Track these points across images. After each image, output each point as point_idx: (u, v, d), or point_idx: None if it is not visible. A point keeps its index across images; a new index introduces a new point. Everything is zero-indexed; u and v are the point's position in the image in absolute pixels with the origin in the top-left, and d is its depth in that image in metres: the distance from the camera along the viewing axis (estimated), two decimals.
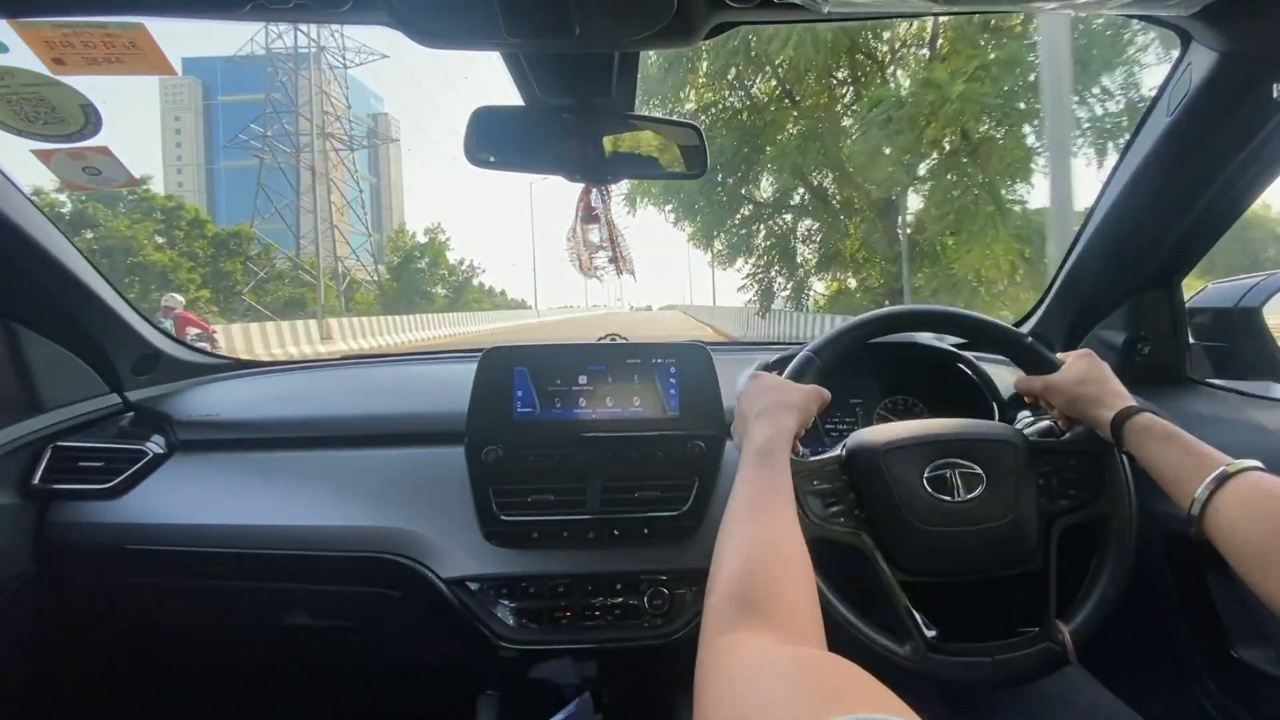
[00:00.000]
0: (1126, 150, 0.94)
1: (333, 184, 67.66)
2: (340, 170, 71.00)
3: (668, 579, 0.99)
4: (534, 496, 0.98)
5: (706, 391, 1.02)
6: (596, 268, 0.90)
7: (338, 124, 61.35)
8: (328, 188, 52.79)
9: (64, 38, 0.69)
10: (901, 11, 0.68)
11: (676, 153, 0.86)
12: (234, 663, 1.21)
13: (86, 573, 1.05)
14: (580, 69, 0.77)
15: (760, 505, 0.57)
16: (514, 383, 1.00)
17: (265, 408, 1.16)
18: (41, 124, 0.81)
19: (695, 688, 0.38)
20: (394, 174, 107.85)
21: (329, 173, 73.48)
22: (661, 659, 0.97)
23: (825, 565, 0.69)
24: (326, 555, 1.00)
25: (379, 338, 21.05)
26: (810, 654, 0.38)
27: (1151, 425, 0.68)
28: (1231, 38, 0.73)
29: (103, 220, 25.63)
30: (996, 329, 0.86)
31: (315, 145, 43.75)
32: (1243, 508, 0.58)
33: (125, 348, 1.13)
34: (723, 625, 0.44)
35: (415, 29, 0.66)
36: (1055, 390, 0.79)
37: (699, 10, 0.65)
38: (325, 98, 48.52)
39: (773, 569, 0.49)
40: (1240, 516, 0.57)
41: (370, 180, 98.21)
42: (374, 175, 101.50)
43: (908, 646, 0.70)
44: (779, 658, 0.39)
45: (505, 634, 0.97)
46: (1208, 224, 0.94)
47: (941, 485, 0.74)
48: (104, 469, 1.02)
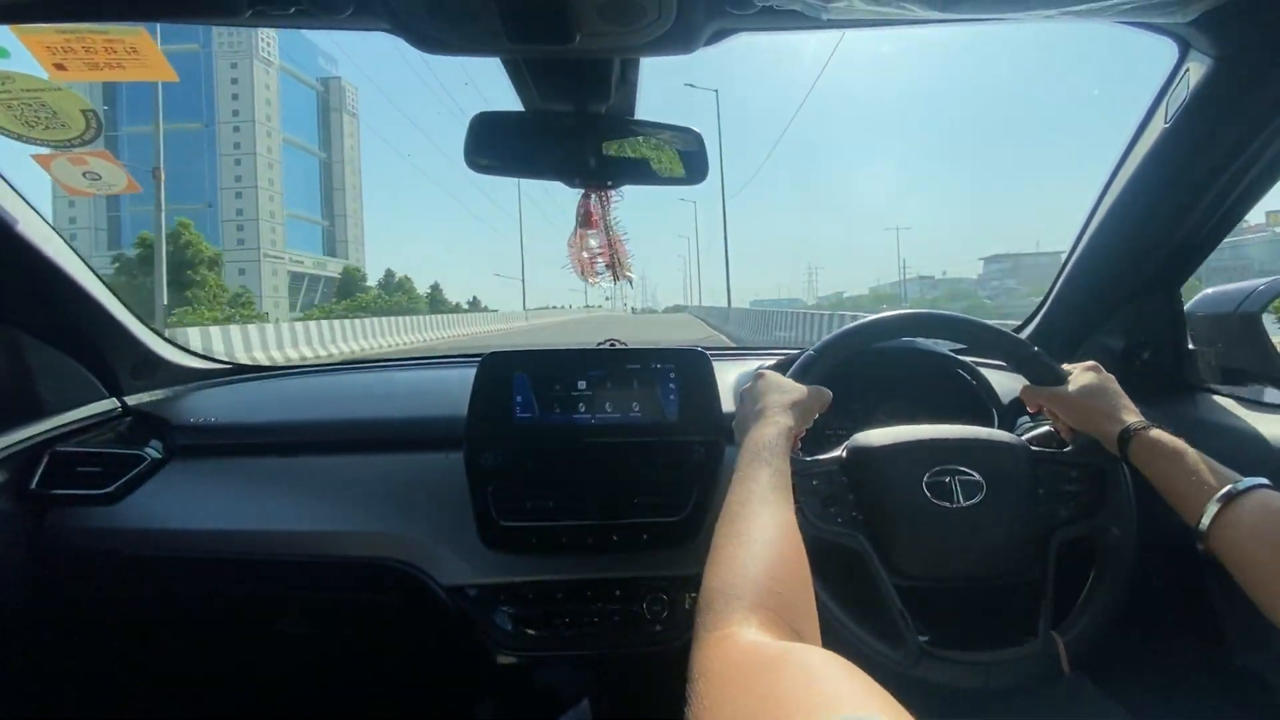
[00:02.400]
0: (1124, 157, 0.94)
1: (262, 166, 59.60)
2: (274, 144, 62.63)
3: (667, 585, 0.99)
4: (533, 502, 0.98)
5: (706, 397, 1.02)
6: (596, 273, 0.90)
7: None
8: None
9: (65, 43, 0.70)
10: (901, 19, 0.69)
11: (677, 159, 0.86)
12: (231, 668, 1.20)
13: (83, 577, 1.05)
14: (580, 75, 0.77)
15: (759, 501, 0.57)
16: (513, 388, 1.00)
17: (263, 413, 1.16)
18: (43, 129, 0.81)
19: (689, 682, 0.38)
20: (350, 149, 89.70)
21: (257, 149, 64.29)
22: (660, 666, 0.97)
23: (821, 566, 0.69)
24: (324, 560, 1.00)
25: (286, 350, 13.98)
26: (805, 651, 0.38)
27: (1160, 441, 0.68)
28: (1229, 45, 0.73)
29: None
30: (1001, 337, 0.86)
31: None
32: (1251, 525, 0.58)
33: (123, 352, 1.13)
34: (718, 619, 0.44)
35: (417, 35, 0.66)
36: (1061, 402, 0.79)
37: (699, 17, 0.65)
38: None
39: (770, 564, 0.49)
40: (1248, 534, 0.58)
41: (319, 156, 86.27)
42: (323, 151, 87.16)
43: (900, 650, 0.70)
44: (773, 654, 0.38)
45: (503, 640, 0.96)
46: (1207, 229, 0.94)
47: (941, 491, 0.74)
48: (102, 474, 1.02)
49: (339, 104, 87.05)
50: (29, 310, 1.01)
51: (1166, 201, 0.92)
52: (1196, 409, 0.98)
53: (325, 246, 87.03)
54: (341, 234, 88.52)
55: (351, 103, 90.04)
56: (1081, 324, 1.14)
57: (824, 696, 0.31)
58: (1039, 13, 0.66)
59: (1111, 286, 1.07)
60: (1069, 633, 0.72)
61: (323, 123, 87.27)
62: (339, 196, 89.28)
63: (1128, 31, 0.75)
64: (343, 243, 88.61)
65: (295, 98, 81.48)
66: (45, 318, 1.03)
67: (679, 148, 0.86)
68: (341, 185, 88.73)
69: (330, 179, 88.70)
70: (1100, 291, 1.09)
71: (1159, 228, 0.95)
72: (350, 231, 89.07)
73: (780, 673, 0.35)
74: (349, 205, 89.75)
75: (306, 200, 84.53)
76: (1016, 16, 0.67)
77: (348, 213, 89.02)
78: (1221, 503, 0.60)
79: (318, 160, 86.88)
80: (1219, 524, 0.60)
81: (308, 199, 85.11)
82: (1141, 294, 1.04)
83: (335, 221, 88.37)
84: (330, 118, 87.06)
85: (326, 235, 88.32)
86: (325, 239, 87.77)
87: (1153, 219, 0.95)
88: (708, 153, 0.85)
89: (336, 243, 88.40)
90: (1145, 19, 0.71)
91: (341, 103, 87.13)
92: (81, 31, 0.69)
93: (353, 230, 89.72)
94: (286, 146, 77.80)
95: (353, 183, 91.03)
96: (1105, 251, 1.03)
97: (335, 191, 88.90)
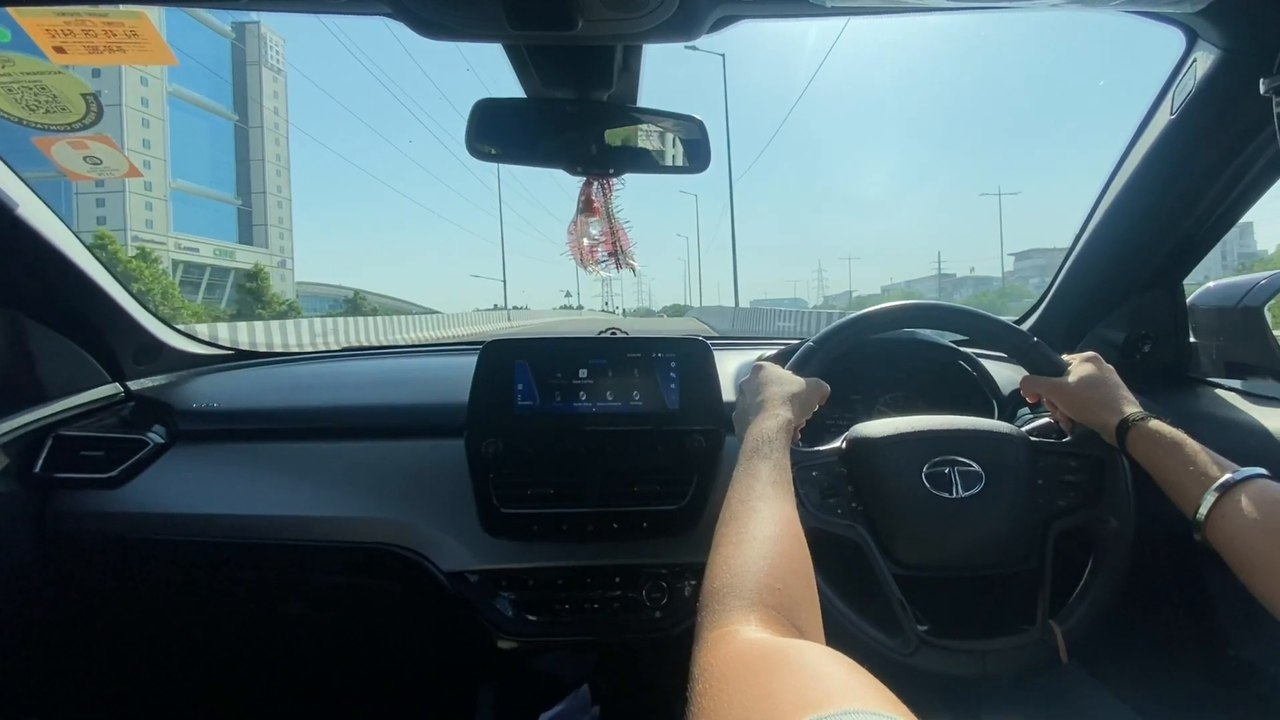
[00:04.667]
0: (1129, 149, 0.93)
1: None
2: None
3: (666, 572, 0.99)
4: (533, 489, 0.98)
5: (707, 386, 1.02)
6: (597, 261, 0.90)
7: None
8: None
9: (66, 26, 0.69)
10: (905, 8, 0.68)
11: (680, 146, 0.86)
12: (233, 653, 1.22)
13: (87, 561, 1.06)
14: (582, 62, 0.76)
15: (760, 496, 0.57)
16: (514, 376, 1.00)
17: (266, 398, 1.17)
18: (43, 113, 0.81)
19: (690, 678, 0.38)
20: (273, 112, 68.12)
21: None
22: (660, 652, 0.98)
23: (820, 556, 0.69)
24: (326, 546, 1.01)
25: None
26: (804, 647, 0.38)
27: (1158, 431, 0.68)
28: (1236, 35, 0.72)
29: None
30: (1001, 328, 0.86)
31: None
32: (1248, 515, 0.58)
33: (127, 337, 1.14)
34: (718, 618, 0.44)
35: (417, 20, 0.66)
36: (1061, 393, 0.79)
37: (702, 4, 0.65)
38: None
39: (770, 561, 0.49)
40: (1246, 524, 0.58)
41: (230, 119, 66.63)
42: (236, 112, 67.30)
43: (898, 639, 0.71)
44: (772, 650, 0.38)
45: (504, 626, 0.97)
46: (1211, 222, 0.94)
47: (940, 481, 0.74)
48: (105, 458, 1.03)
49: (257, 56, 67.21)
50: (32, 295, 1.01)
51: (1171, 193, 0.91)
52: (1197, 402, 0.98)
53: (242, 232, 67.22)
54: (260, 216, 67.92)
55: (275, 56, 68.97)
56: (1083, 316, 1.14)
57: (822, 692, 0.31)
58: (1045, 1, 0.65)
59: (1114, 279, 1.06)
60: (1066, 622, 0.72)
61: (238, 78, 67.65)
62: (257, 170, 68.01)
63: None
64: (261, 227, 68.24)
65: (196, 44, 61.65)
66: (49, 302, 1.03)
67: (681, 135, 0.85)
68: (260, 156, 67.76)
69: (247, 148, 67.44)
70: (1103, 284, 1.08)
71: (1163, 220, 0.95)
72: (272, 214, 68.39)
73: (779, 669, 0.35)
74: (270, 181, 68.35)
75: (211, 173, 64.94)
76: (1023, 5, 0.67)
77: (268, 189, 67.95)
78: (1219, 492, 0.60)
79: (231, 125, 67.56)
80: (1216, 514, 0.60)
81: (214, 171, 65.15)
82: (1144, 287, 1.04)
83: (253, 201, 68.31)
84: (248, 73, 67.43)
85: (243, 218, 67.42)
86: (242, 223, 67.50)
87: (1157, 211, 0.94)
88: (709, 141, 0.85)
89: (254, 227, 67.90)
90: (1153, 8, 0.71)
91: (261, 55, 67.30)
92: (81, 14, 0.69)
93: (276, 212, 69.18)
94: (177, 103, 59.07)
95: (276, 153, 69.46)
96: (1108, 244, 1.03)
97: (253, 163, 67.99)
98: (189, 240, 59.54)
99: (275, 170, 69.82)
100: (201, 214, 62.43)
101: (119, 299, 1.09)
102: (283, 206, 71.03)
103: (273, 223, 69.14)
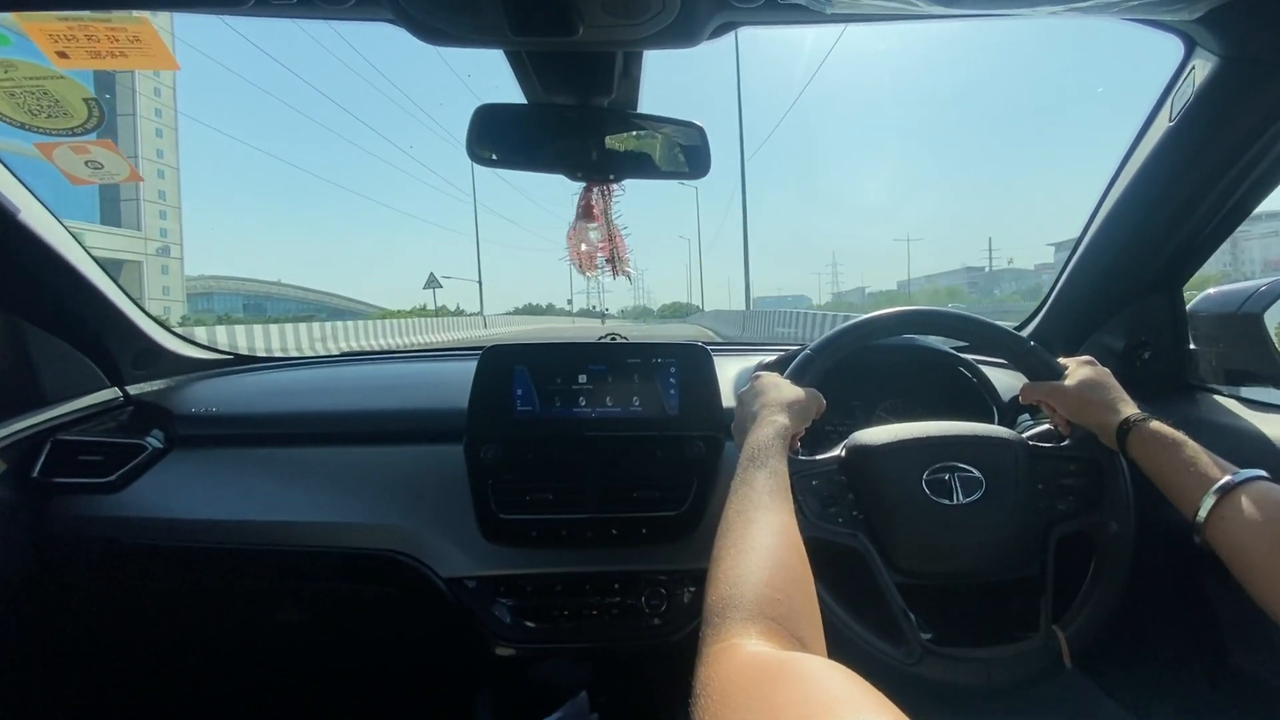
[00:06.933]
0: (1128, 155, 0.94)
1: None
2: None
3: (666, 579, 0.99)
4: (533, 495, 0.98)
5: (706, 392, 1.02)
6: (595, 266, 0.90)
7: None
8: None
9: (68, 31, 0.70)
10: (905, 15, 0.68)
11: (680, 152, 0.86)
12: (231, 658, 1.21)
13: (85, 566, 1.05)
14: (583, 68, 0.77)
15: (757, 505, 0.57)
16: (514, 381, 1.00)
17: (265, 403, 1.17)
18: (45, 118, 0.81)
19: (694, 694, 0.38)
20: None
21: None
22: (659, 660, 0.97)
23: (821, 566, 0.69)
24: (325, 551, 1.00)
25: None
26: (804, 659, 0.38)
27: (1157, 433, 0.67)
28: (1234, 42, 0.73)
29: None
30: (999, 334, 0.86)
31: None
32: (1248, 517, 0.57)
33: (126, 342, 1.14)
34: (718, 632, 0.43)
35: (419, 27, 0.66)
36: (1060, 396, 0.79)
37: (702, 11, 0.65)
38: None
39: (769, 572, 0.48)
40: (1245, 526, 0.57)
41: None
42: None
43: (902, 649, 0.70)
44: (772, 663, 0.38)
45: (502, 632, 0.97)
46: (1210, 229, 0.94)
47: (940, 488, 0.74)
48: (103, 463, 1.02)
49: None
50: (31, 299, 1.01)
51: (1170, 200, 0.91)
52: (1197, 409, 0.98)
53: (104, 210, 49.24)
54: (129, 190, 50.25)
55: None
56: (1083, 322, 1.14)
57: (823, 704, 0.31)
58: (1044, 8, 0.65)
59: (1113, 285, 1.06)
60: (1069, 627, 0.72)
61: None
62: (124, 127, 47.82)
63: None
64: (131, 203, 50.77)
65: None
66: (48, 307, 1.03)
67: (682, 142, 0.86)
68: (130, 110, 48.55)
69: (113, 98, 47.26)
70: (1102, 290, 1.08)
71: (1162, 226, 0.95)
72: (150, 186, 51.53)
73: (780, 683, 0.34)
74: (143, 144, 49.02)
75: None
76: (1021, 12, 0.67)
77: (140, 155, 47.95)
78: (1218, 494, 0.59)
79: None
80: (1216, 516, 0.59)
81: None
82: (1143, 293, 1.04)
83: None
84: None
85: (106, 192, 48.65)
86: (103, 198, 48.84)
87: (1155, 217, 0.94)
88: (710, 147, 0.85)
89: (121, 203, 50.36)
90: (1151, 15, 0.71)
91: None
92: (84, 19, 0.69)
93: (156, 184, 52.22)
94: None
95: (153, 105, 50.22)
96: (1108, 249, 1.03)
97: (120, 118, 48.04)
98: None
99: (150, 130, 50.80)
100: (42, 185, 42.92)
101: (119, 303, 1.09)
102: (165, 177, 54.08)
103: (149, 198, 52.22)
